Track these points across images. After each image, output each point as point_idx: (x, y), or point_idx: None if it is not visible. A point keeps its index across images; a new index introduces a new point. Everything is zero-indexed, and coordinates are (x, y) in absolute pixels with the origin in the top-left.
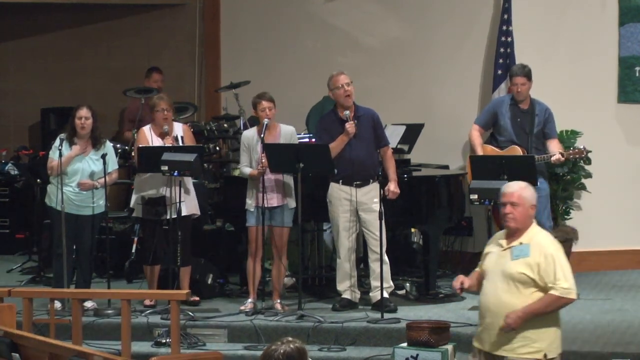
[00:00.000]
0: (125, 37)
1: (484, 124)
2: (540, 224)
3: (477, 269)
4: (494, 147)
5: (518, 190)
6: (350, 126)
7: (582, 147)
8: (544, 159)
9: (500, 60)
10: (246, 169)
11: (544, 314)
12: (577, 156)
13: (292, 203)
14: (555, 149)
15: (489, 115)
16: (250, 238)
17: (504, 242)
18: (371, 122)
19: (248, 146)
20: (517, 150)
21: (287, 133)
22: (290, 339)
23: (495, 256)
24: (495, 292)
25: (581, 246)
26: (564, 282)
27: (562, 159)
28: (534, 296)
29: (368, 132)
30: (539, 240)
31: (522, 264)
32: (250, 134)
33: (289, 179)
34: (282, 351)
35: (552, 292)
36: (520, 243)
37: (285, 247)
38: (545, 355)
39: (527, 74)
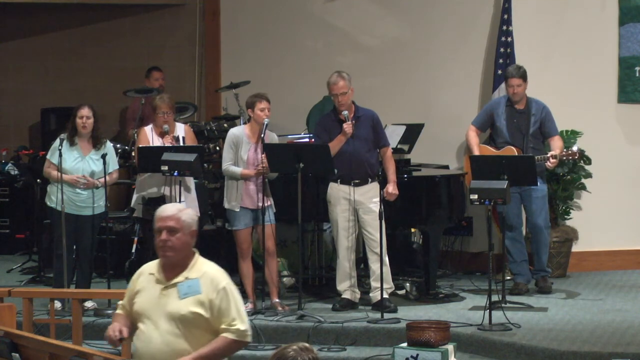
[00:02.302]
0: (125, 37)
1: (480, 125)
2: (537, 225)
3: (119, 311)
4: (490, 147)
5: (176, 213)
6: (347, 127)
7: (576, 149)
8: (543, 159)
9: (500, 60)
10: (235, 168)
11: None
12: (571, 158)
13: (271, 202)
14: (557, 146)
15: (486, 116)
16: (240, 240)
17: (161, 277)
18: (370, 122)
19: (235, 144)
20: (513, 151)
21: (274, 139)
22: (307, 346)
23: (153, 295)
24: (162, 339)
25: (581, 246)
26: (240, 323)
27: (556, 160)
28: (210, 338)
29: (368, 132)
30: (209, 273)
31: (193, 302)
32: (238, 132)
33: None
34: None
35: (226, 334)
36: (187, 278)
37: (274, 243)
38: None
39: (522, 75)
